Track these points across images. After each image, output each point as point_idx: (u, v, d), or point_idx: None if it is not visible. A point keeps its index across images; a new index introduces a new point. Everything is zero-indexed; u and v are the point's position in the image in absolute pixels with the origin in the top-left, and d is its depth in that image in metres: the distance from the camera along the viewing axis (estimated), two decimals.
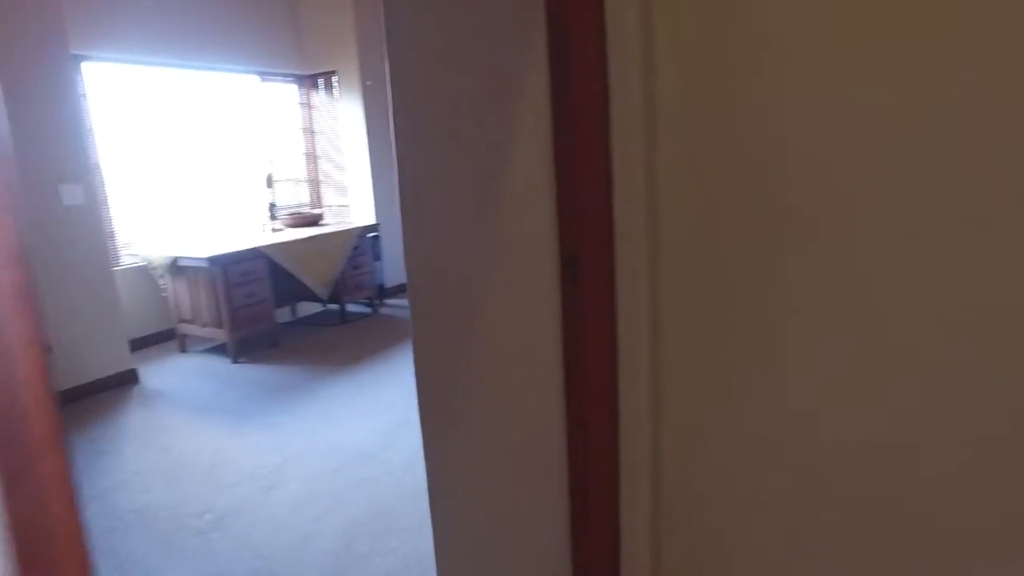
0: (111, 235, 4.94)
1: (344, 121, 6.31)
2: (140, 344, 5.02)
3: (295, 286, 5.26)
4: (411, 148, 1.39)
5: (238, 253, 4.54)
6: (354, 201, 6.45)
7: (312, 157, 6.63)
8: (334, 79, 6.31)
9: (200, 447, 3.32)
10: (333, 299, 5.49)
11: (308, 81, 6.46)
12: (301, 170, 6.57)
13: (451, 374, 1.48)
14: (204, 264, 4.38)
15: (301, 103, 6.49)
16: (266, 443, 3.31)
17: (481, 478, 1.52)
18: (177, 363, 4.73)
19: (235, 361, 4.62)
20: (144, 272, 4.94)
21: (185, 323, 4.83)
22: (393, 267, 6.54)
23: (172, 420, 3.70)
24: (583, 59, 1.11)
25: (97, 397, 4.09)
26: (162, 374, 4.50)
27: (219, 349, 4.85)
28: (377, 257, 6.11)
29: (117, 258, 4.98)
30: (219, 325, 4.58)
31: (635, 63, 1.09)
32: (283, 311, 5.85)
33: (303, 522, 2.57)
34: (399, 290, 6.66)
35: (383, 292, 6.29)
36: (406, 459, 3.03)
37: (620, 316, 1.18)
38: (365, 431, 3.38)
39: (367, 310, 5.97)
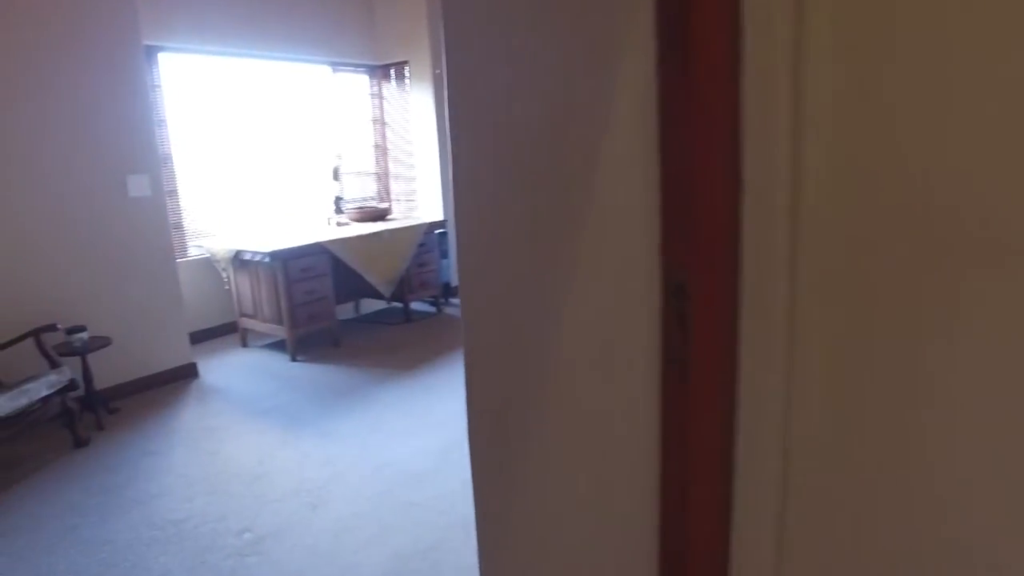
0: (179, 226, 4.91)
1: (415, 113, 6.11)
2: (203, 336, 4.97)
3: (358, 282, 5.08)
4: (466, 138, 1.09)
5: (300, 248, 4.39)
6: (422, 195, 6.25)
7: (381, 149, 6.48)
8: (406, 69, 6.12)
9: (248, 454, 3.16)
10: (397, 297, 5.30)
11: (380, 71, 6.30)
12: (369, 163, 6.43)
13: (508, 412, 1.17)
14: (265, 259, 4.25)
15: (372, 94, 6.34)
16: (315, 454, 3.11)
17: (542, 538, 1.21)
18: (237, 358, 4.64)
19: (294, 359, 4.48)
20: (209, 264, 4.88)
21: (247, 317, 4.73)
22: None
23: (224, 420, 3.57)
24: (707, 32, 0.78)
25: (158, 390, 4.02)
26: (221, 369, 4.41)
27: (279, 345, 4.73)
28: (444, 255, 5.89)
29: (185, 249, 4.94)
30: (279, 321, 4.45)
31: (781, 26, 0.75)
32: (346, 307, 5.72)
33: (345, 552, 2.34)
34: None
35: (448, 291, 6.07)
36: (459, 484, 2.76)
37: (743, 366, 0.85)
38: (418, 447, 3.13)
39: (431, 309, 5.76)
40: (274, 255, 4.22)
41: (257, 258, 4.33)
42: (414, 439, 3.21)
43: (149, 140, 3.93)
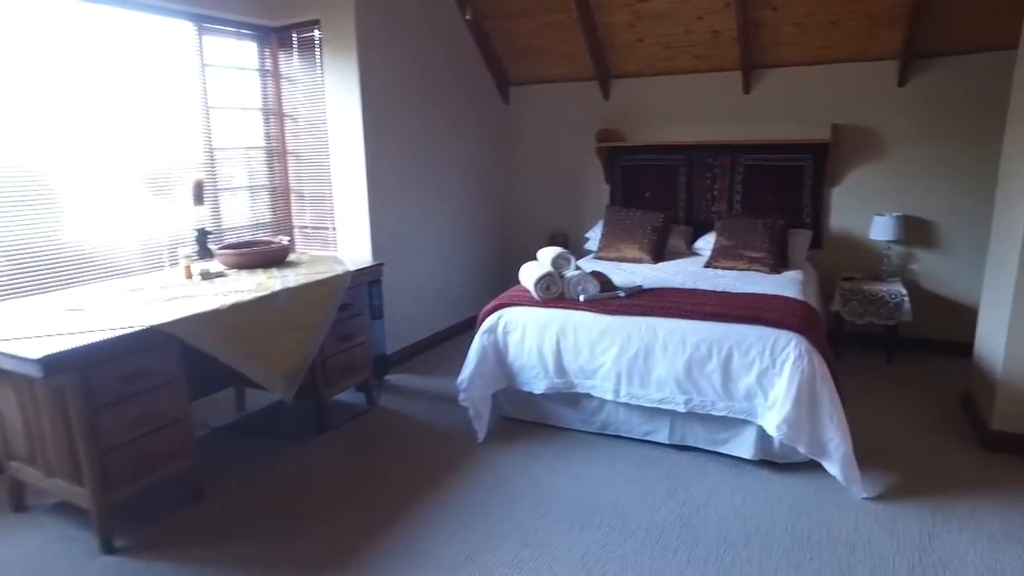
0: None
1: (330, 99, 4.07)
2: None
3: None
4: None
5: (114, 342, 2.28)
6: (342, 224, 4.21)
7: (279, 155, 4.38)
8: (315, 34, 4.07)
9: None
10: (305, 391, 3.25)
11: (275, 37, 4.21)
12: (259, 174, 4.32)
13: None
14: (34, 371, 2.11)
15: (262, 71, 4.24)
16: None
17: None
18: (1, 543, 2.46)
19: (108, 550, 2.37)
20: None
21: (19, 463, 2.56)
22: (403, 324, 4.30)
23: None
24: None
25: None
26: None
27: (82, 515, 2.56)
28: (377, 314, 3.89)
29: None
30: (76, 479, 2.33)
31: None
32: (221, 400, 3.61)
33: None
34: (409, 356, 4.43)
35: (385, 365, 4.06)
36: None
37: None
38: None
39: (361, 402, 3.73)
40: (50, 364, 2.10)
41: (21, 369, 2.18)
42: None
43: None
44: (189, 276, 3.17)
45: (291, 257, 3.74)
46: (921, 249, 4.32)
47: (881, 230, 4.19)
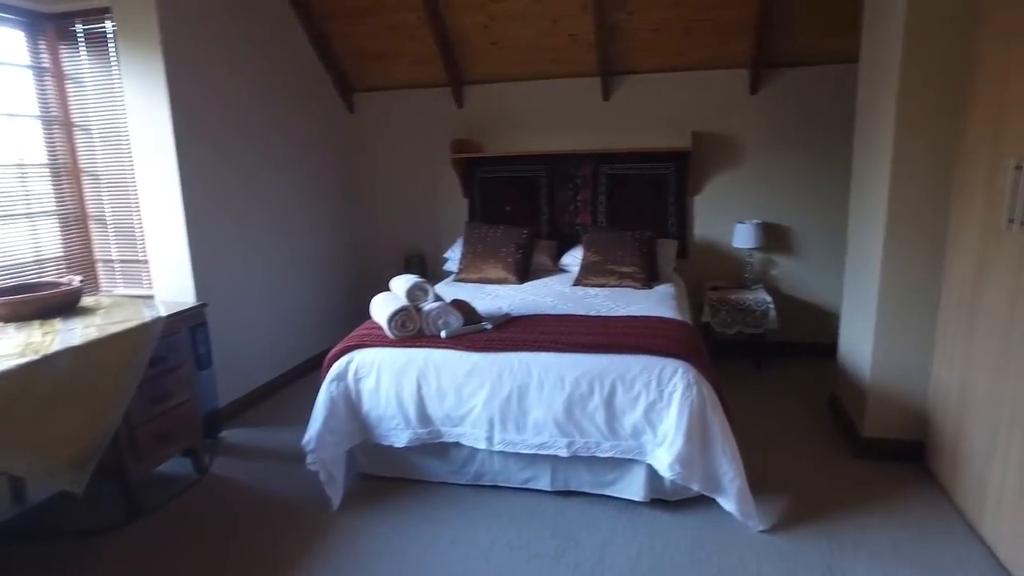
0: None
1: (132, 107, 3.37)
2: None
3: None
4: None
5: None
6: (157, 257, 3.51)
7: (70, 174, 3.59)
8: (107, 26, 3.36)
9: None
10: (110, 469, 2.58)
11: (51, 27, 3.44)
12: (43, 197, 3.50)
13: None
14: None
15: (37, 68, 3.44)
16: None
17: None
18: None
19: None
20: None
21: None
22: (238, 370, 3.67)
23: None
24: None
25: None
26: None
27: None
28: (204, 363, 3.25)
29: None
30: None
31: None
32: None
33: None
34: (247, 406, 3.80)
35: (217, 422, 3.43)
36: None
37: None
38: None
39: (188, 470, 3.09)
40: None
41: None
42: None
43: None
44: None
45: (86, 302, 3.02)
46: (780, 255, 4.37)
47: (743, 237, 4.18)
